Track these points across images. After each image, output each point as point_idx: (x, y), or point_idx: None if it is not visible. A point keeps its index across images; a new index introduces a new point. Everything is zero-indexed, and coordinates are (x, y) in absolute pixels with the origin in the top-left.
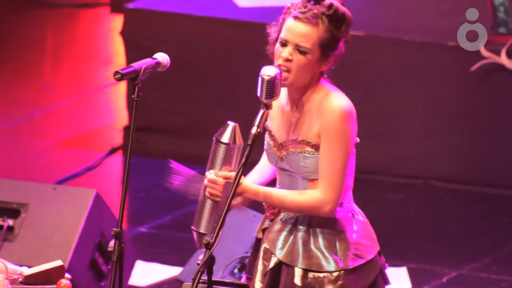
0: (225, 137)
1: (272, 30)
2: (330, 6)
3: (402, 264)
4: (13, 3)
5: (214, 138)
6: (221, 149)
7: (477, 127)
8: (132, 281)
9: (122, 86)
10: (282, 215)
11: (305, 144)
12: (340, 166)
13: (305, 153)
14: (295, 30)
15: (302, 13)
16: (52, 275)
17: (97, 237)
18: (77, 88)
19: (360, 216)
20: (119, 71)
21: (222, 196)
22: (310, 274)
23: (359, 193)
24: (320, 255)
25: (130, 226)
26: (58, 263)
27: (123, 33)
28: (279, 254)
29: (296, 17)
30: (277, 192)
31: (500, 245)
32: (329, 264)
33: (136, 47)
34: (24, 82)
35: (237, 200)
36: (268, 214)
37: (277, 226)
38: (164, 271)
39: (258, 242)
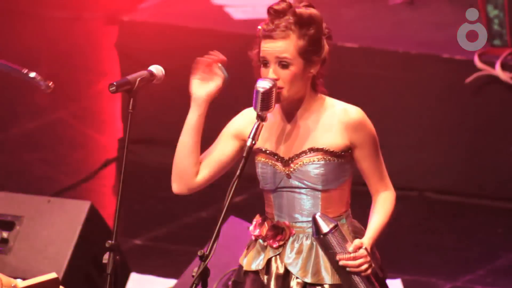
0: (325, 227)
1: (254, 53)
2: (295, 13)
3: (397, 276)
4: (8, 14)
5: (319, 236)
6: (331, 238)
7: (472, 139)
8: None
9: (117, 98)
10: (292, 238)
11: (323, 152)
12: (383, 162)
13: (322, 160)
14: (271, 48)
15: (272, 30)
16: None
17: (91, 249)
18: (72, 100)
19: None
20: (114, 83)
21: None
22: None
23: (354, 205)
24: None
25: (124, 238)
26: (52, 275)
27: (118, 45)
28: (305, 278)
29: (268, 37)
30: (376, 221)
31: (495, 257)
32: None
33: (131, 59)
34: (18, 95)
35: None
36: (272, 243)
37: (292, 250)
38: (159, 283)
39: (256, 276)
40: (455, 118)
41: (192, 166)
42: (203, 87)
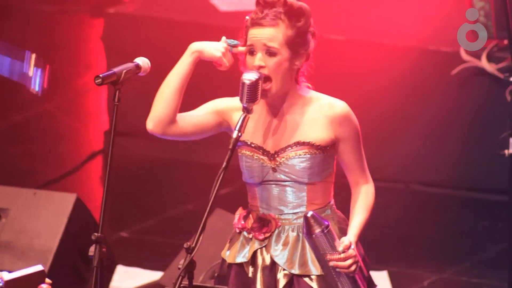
0: (317, 227)
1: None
2: (285, 3)
3: (383, 268)
4: None
5: (310, 236)
6: (322, 238)
7: (458, 131)
8: (113, 285)
9: (103, 90)
10: (277, 230)
11: (309, 146)
12: (364, 156)
13: (308, 154)
14: (260, 35)
15: (262, 18)
16: (33, 280)
17: (78, 242)
18: (58, 92)
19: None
20: (100, 75)
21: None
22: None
23: (341, 197)
24: None
25: (111, 230)
26: (38, 268)
27: (104, 38)
28: (292, 270)
29: (257, 24)
30: (360, 216)
31: (481, 249)
32: None
33: (116, 52)
34: (4, 87)
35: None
36: (258, 236)
37: (278, 242)
38: (145, 275)
39: (240, 268)
40: (441, 110)
41: (174, 110)
42: (203, 45)
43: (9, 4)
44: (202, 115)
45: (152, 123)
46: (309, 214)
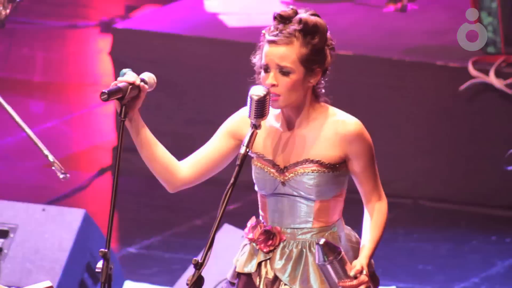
0: (330, 255)
1: (256, 59)
2: (300, 21)
3: (391, 283)
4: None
5: (321, 263)
6: (335, 265)
7: (466, 146)
8: None
9: (111, 105)
10: (282, 244)
11: (318, 164)
12: (378, 173)
13: (317, 172)
14: (273, 54)
15: (276, 36)
16: None
17: (86, 257)
18: (66, 108)
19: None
20: (105, 91)
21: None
22: None
23: (349, 212)
24: None
25: (119, 246)
26: (47, 283)
27: (112, 53)
28: (294, 285)
29: (271, 42)
30: (372, 236)
31: (489, 264)
32: None
33: (124, 67)
34: (13, 103)
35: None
36: (263, 248)
37: (282, 256)
38: None
39: (248, 278)
40: (449, 125)
41: (171, 169)
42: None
43: (19, 19)
44: (215, 147)
45: (168, 186)
46: (321, 241)
